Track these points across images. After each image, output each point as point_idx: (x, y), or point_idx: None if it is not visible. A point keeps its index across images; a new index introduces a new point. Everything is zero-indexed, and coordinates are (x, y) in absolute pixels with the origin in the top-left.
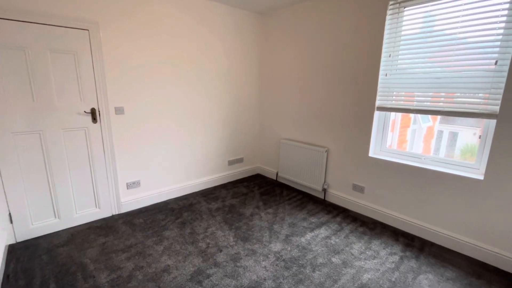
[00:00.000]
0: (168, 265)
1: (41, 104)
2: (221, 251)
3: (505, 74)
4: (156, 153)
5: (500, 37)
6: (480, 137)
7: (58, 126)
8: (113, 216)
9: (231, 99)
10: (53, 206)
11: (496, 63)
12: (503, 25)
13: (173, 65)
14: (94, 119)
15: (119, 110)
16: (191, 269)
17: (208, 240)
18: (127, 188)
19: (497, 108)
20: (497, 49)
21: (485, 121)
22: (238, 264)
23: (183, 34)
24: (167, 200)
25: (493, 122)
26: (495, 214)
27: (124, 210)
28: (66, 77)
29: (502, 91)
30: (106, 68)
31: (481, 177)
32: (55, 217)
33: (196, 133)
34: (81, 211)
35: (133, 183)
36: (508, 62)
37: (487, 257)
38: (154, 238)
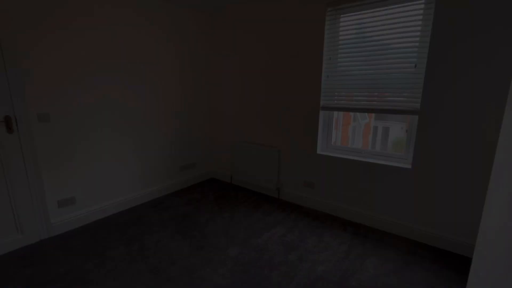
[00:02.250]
0: None
1: None
2: (174, 264)
3: (423, 76)
4: (93, 164)
5: (417, 43)
6: (407, 131)
7: None
8: (41, 241)
9: (179, 103)
10: None
11: (415, 66)
12: (418, 33)
13: (111, 64)
14: (10, 129)
15: (43, 117)
16: None
17: (159, 254)
18: (59, 207)
19: (418, 105)
20: (415, 54)
21: (410, 116)
22: (194, 275)
23: (123, 29)
24: (110, 215)
25: (416, 118)
26: (422, 197)
27: (56, 232)
28: None
29: (421, 90)
30: (22, 67)
31: (409, 166)
32: None
33: (142, 140)
34: None
35: (66, 200)
36: (424, 65)
37: (418, 236)
38: (95, 260)
